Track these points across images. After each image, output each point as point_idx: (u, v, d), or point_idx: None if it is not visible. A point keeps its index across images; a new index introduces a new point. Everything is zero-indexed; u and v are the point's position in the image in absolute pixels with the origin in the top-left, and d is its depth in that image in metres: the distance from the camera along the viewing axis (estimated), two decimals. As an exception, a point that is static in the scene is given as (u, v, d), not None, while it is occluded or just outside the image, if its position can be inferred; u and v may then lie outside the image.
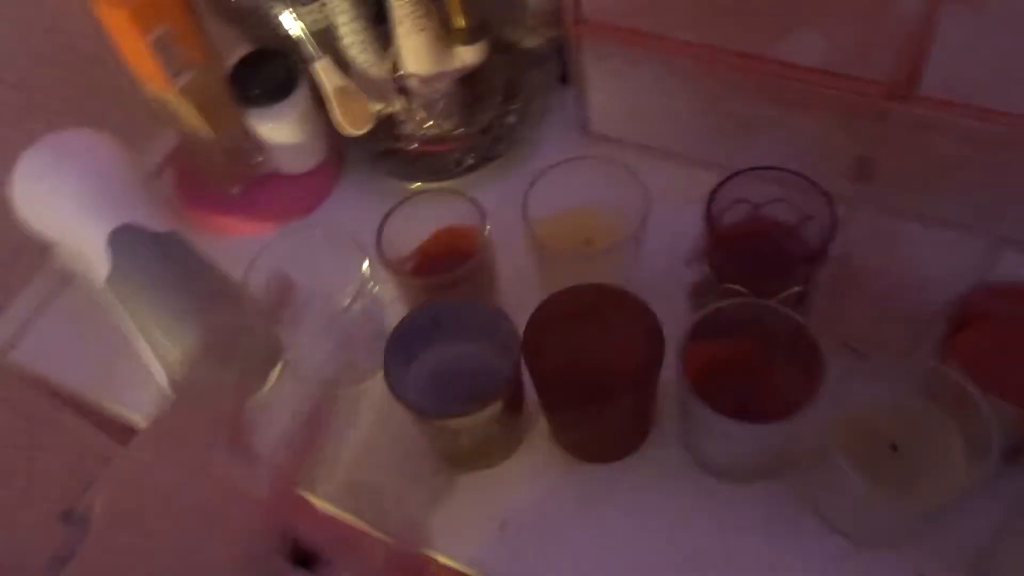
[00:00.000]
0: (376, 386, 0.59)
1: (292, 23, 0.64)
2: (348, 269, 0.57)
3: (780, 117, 0.60)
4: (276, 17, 0.65)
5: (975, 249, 0.49)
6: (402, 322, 0.52)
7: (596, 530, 0.53)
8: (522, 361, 0.50)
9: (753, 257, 0.55)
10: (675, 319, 0.50)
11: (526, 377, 0.52)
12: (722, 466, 0.53)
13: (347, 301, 0.55)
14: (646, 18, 0.59)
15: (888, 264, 0.55)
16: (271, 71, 0.66)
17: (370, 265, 0.57)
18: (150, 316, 0.55)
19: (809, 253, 0.53)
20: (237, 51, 0.69)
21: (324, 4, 0.64)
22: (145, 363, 0.60)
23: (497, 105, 0.70)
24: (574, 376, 0.53)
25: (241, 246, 0.58)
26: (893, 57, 0.52)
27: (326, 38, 0.68)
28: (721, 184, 0.53)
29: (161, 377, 0.60)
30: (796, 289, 0.52)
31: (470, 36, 0.64)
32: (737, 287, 0.52)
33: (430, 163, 0.70)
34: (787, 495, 0.52)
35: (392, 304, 0.59)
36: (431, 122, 0.67)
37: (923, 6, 0.48)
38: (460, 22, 0.63)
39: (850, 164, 0.60)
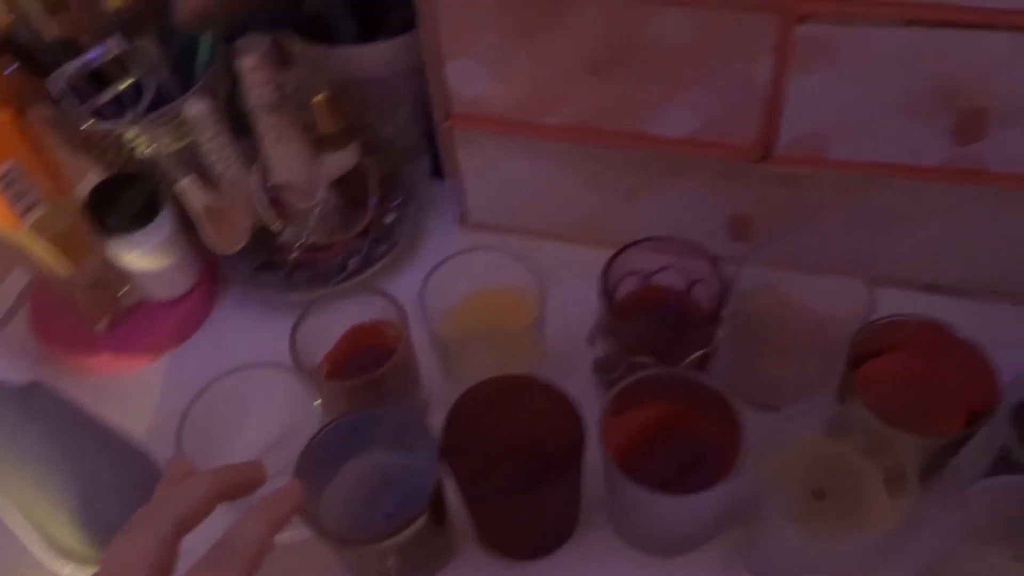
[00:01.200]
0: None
1: (149, 146, 0.61)
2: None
3: (657, 187, 0.62)
4: (131, 141, 0.63)
5: (857, 291, 0.52)
6: (309, 445, 0.48)
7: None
8: (442, 465, 0.47)
9: (652, 326, 0.56)
10: (587, 398, 0.49)
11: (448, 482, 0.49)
12: (655, 541, 0.52)
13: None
14: (515, 107, 0.60)
15: (781, 315, 0.57)
16: (130, 197, 0.62)
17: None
18: (21, 482, 0.49)
19: (703, 315, 0.54)
20: (92, 179, 0.65)
21: (182, 123, 0.62)
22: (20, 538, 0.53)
23: (375, 206, 0.69)
24: (498, 472, 0.51)
25: (117, 385, 0.54)
26: (752, 122, 0.55)
27: (188, 156, 0.65)
28: (613, 259, 0.54)
29: (44, 551, 0.53)
30: (699, 352, 0.53)
31: (339, 141, 0.63)
32: (642, 359, 0.52)
33: (312, 272, 0.67)
34: (724, 560, 0.52)
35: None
36: (308, 230, 0.65)
37: (772, 74, 0.51)
38: (327, 128, 0.62)
39: (728, 224, 0.62)
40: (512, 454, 0.52)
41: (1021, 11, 0.45)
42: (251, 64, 0.56)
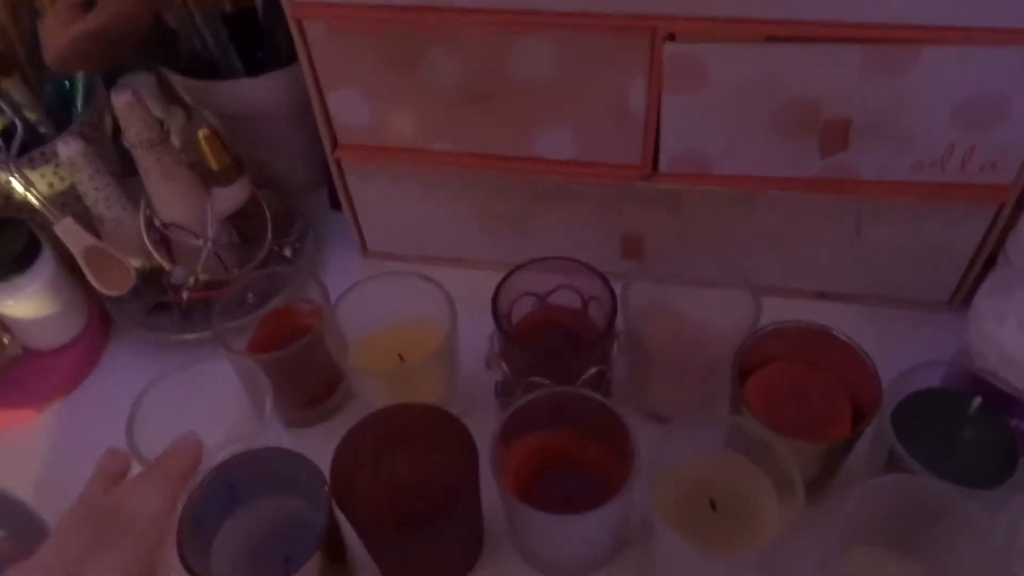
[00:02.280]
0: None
1: (23, 189, 0.59)
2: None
3: (548, 210, 0.62)
4: (4, 184, 0.60)
5: (743, 302, 0.53)
6: (192, 497, 0.46)
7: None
8: (334, 505, 0.46)
9: (546, 347, 0.56)
10: (491, 424, 0.48)
11: (344, 521, 0.48)
12: (560, 563, 0.52)
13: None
14: (400, 136, 0.60)
15: (672, 330, 0.58)
16: (6, 242, 0.59)
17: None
18: None
19: (597, 334, 0.54)
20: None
21: (58, 165, 0.60)
22: None
23: (272, 240, 0.68)
24: (392, 506, 0.50)
25: (2, 442, 0.51)
26: (632, 142, 0.56)
27: (69, 198, 0.63)
28: (502, 283, 0.54)
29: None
30: (593, 370, 0.53)
31: (226, 177, 0.62)
32: (538, 379, 0.52)
33: (209, 311, 0.65)
34: (630, 576, 0.52)
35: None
36: (200, 268, 0.64)
37: (645, 95, 0.52)
38: (213, 164, 0.61)
39: (620, 243, 0.63)
40: (406, 488, 0.51)
41: (871, 25, 0.47)
42: (124, 102, 0.55)
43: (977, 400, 0.47)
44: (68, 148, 0.57)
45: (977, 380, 0.48)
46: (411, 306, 0.57)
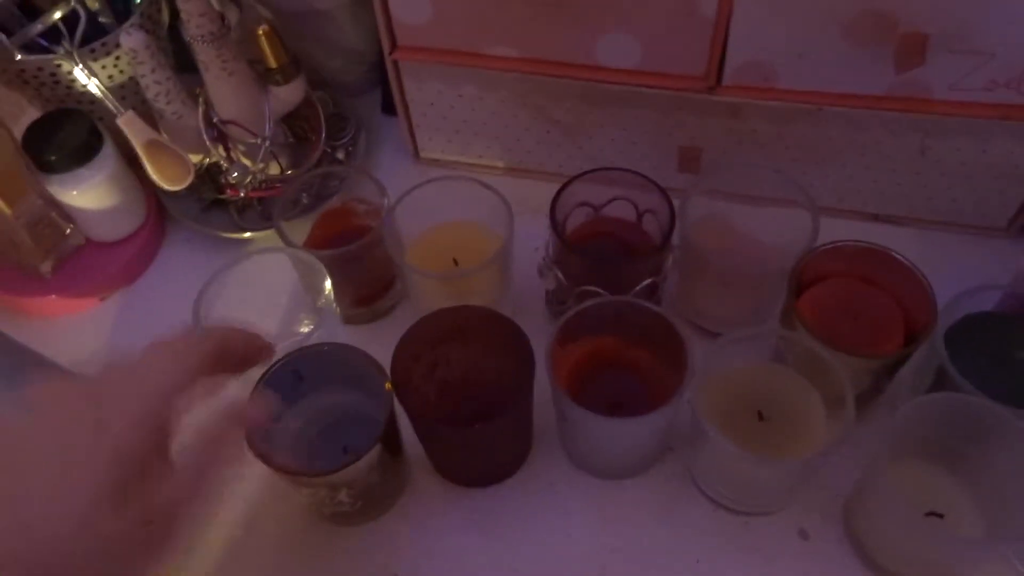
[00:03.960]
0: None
1: (86, 79, 0.59)
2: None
3: (605, 119, 0.61)
4: (68, 75, 0.61)
5: (799, 220, 0.53)
6: (261, 379, 0.48)
7: (498, 553, 0.52)
8: (394, 398, 0.48)
9: (601, 257, 0.56)
10: (543, 330, 0.49)
11: (402, 414, 0.50)
12: (606, 465, 0.53)
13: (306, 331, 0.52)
14: (460, 38, 0.59)
15: (727, 244, 0.58)
16: (69, 133, 0.60)
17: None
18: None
19: (652, 246, 0.54)
20: (29, 115, 0.63)
21: (119, 57, 0.60)
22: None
23: (324, 141, 0.68)
24: (448, 402, 0.51)
25: (65, 327, 0.53)
26: (698, 51, 0.54)
27: (128, 91, 0.64)
28: (560, 191, 0.54)
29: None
30: (647, 281, 0.53)
31: (283, 75, 0.62)
32: (592, 288, 0.53)
33: (263, 209, 0.66)
34: (672, 480, 0.53)
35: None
36: (256, 167, 0.64)
37: (716, 4, 0.51)
38: (271, 62, 0.61)
39: (677, 156, 0.63)
40: (463, 386, 0.52)
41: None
42: (187, -7, 0.55)
43: (1033, 324, 0.47)
44: (131, 39, 0.56)
45: (1032, 305, 0.49)
46: (466, 211, 0.57)
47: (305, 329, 0.56)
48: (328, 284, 0.53)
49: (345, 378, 0.51)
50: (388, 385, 0.47)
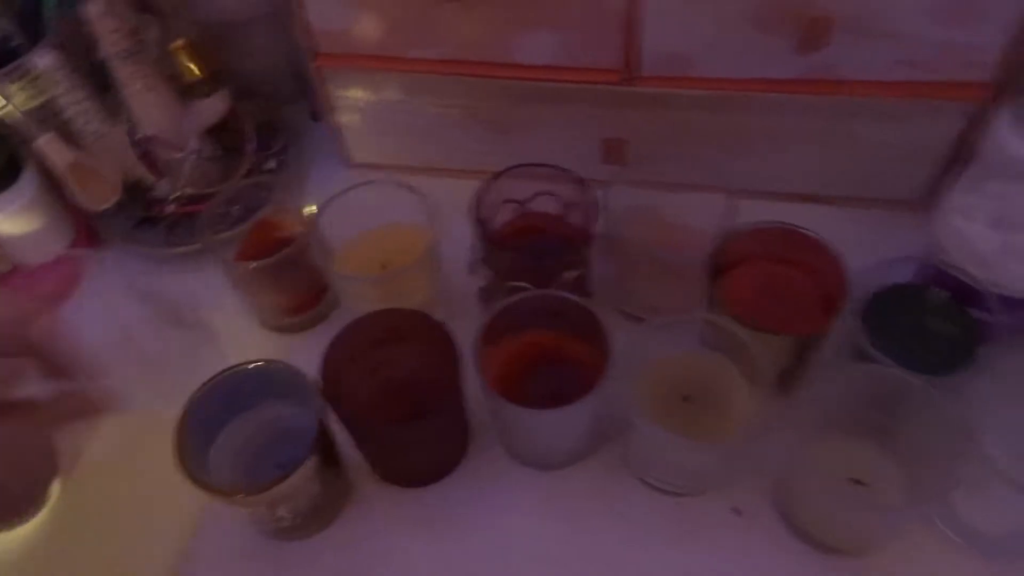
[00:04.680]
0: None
1: (1, 104, 0.59)
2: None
3: (529, 115, 0.62)
4: (-18, 99, 0.60)
5: (717, 204, 0.54)
6: (191, 403, 0.48)
7: (446, 551, 0.52)
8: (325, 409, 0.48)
9: (526, 251, 0.57)
10: (473, 327, 0.50)
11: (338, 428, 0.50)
12: (542, 456, 0.54)
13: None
14: (380, 43, 0.59)
15: (653, 232, 0.59)
16: (-13, 159, 0.60)
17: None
18: None
19: (575, 237, 0.55)
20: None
21: (36, 78, 0.60)
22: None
23: (253, 153, 0.68)
24: (383, 405, 0.52)
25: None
26: (613, 44, 0.56)
27: (47, 113, 0.63)
28: (481, 189, 0.55)
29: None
30: (573, 273, 0.54)
31: (205, 88, 0.62)
32: (520, 283, 0.54)
33: (193, 224, 0.66)
34: (608, 467, 0.54)
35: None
36: (183, 182, 0.64)
37: (625, -4, 0.52)
38: (191, 76, 0.61)
39: (601, 148, 0.64)
40: (393, 388, 0.53)
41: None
42: (97, 11, 0.54)
43: (942, 293, 0.49)
44: (44, 60, 0.56)
45: (944, 275, 0.50)
46: (394, 214, 0.58)
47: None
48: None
49: (278, 393, 0.51)
50: (317, 393, 0.47)
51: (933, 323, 0.49)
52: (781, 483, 0.51)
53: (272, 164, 0.69)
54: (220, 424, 0.51)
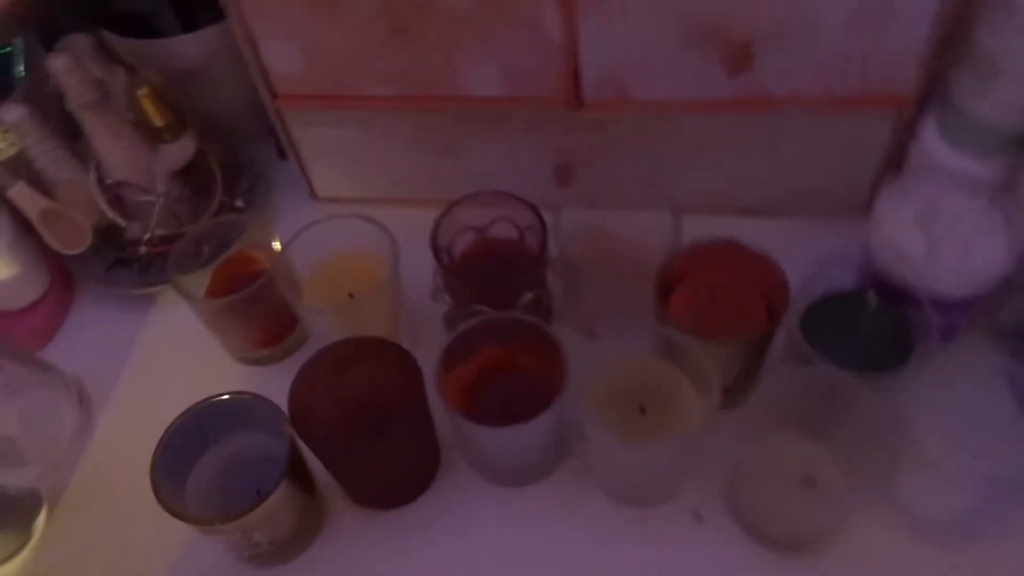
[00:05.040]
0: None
1: (-29, 157, 0.61)
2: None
3: (481, 142, 0.65)
4: (-47, 154, 0.62)
5: (663, 222, 0.56)
6: (167, 434, 0.50)
7: (418, 571, 0.54)
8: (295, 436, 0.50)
9: (484, 276, 0.59)
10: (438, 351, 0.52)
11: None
12: (507, 472, 0.56)
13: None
14: (334, 82, 0.62)
15: (603, 252, 0.61)
16: (-39, 210, 0.62)
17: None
18: None
19: (530, 260, 0.58)
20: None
21: (5, 131, 0.62)
22: None
23: (222, 192, 0.70)
24: (346, 425, 0.54)
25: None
26: (554, 71, 0.58)
27: (18, 163, 0.65)
28: (440, 217, 0.57)
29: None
30: (530, 295, 0.57)
31: (170, 133, 0.64)
32: (479, 307, 0.56)
33: (165, 263, 0.68)
34: (573, 481, 0.56)
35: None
36: (154, 223, 0.66)
37: (560, 21, 0.55)
38: (156, 121, 0.63)
39: (552, 171, 0.66)
40: (359, 411, 0.55)
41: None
42: (62, 66, 0.57)
43: (873, 296, 0.51)
44: (13, 113, 0.58)
45: (878, 278, 0.53)
46: (358, 246, 0.60)
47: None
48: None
49: (251, 423, 0.52)
50: (288, 427, 0.49)
51: (869, 325, 0.52)
52: (734, 485, 0.53)
53: (240, 202, 0.72)
54: (196, 455, 0.53)
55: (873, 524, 0.52)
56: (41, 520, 0.57)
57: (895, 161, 0.60)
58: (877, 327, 0.52)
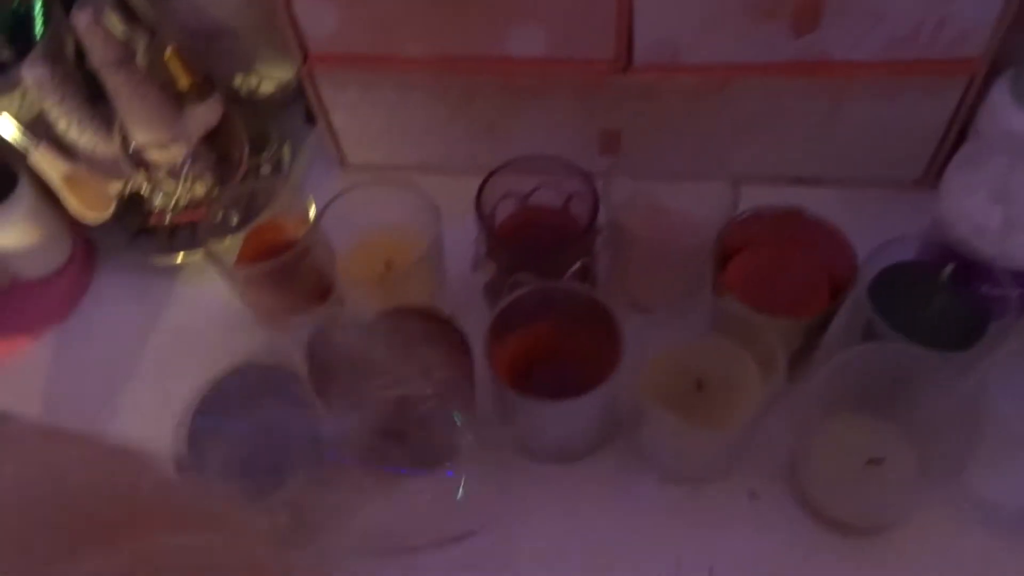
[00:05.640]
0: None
1: (-7, 117, 0.58)
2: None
3: (523, 109, 0.62)
4: (-28, 115, 0.59)
5: (721, 191, 0.54)
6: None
7: (459, 548, 0.52)
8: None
9: (530, 245, 0.57)
10: (482, 323, 0.50)
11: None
12: (554, 449, 0.54)
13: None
14: (370, 42, 0.59)
15: (654, 222, 0.58)
16: (-20, 173, 0.59)
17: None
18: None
19: (579, 229, 0.55)
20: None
21: (25, 92, 0.59)
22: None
23: (248, 158, 0.67)
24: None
25: (3, 370, 0.52)
26: (605, 34, 0.55)
27: (41, 125, 0.62)
28: (483, 185, 0.54)
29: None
30: (578, 264, 0.54)
31: (197, 95, 0.61)
32: (524, 276, 0.53)
33: (192, 231, 0.66)
34: (621, 459, 0.54)
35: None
36: (179, 191, 0.64)
37: (617, -18, 0.52)
38: (184, 82, 0.60)
39: (598, 139, 0.63)
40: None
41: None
42: (85, 22, 0.54)
43: (948, 269, 0.49)
44: (33, 72, 0.56)
45: (949, 251, 0.50)
46: (395, 214, 0.57)
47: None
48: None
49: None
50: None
51: (943, 300, 0.49)
52: (796, 465, 0.51)
53: (267, 169, 0.69)
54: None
55: (940, 508, 0.50)
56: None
57: (962, 130, 0.58)
58: (949, 302, 0.49)
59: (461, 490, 0.50)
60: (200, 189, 0.65)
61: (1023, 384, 0.45)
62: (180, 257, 0.65)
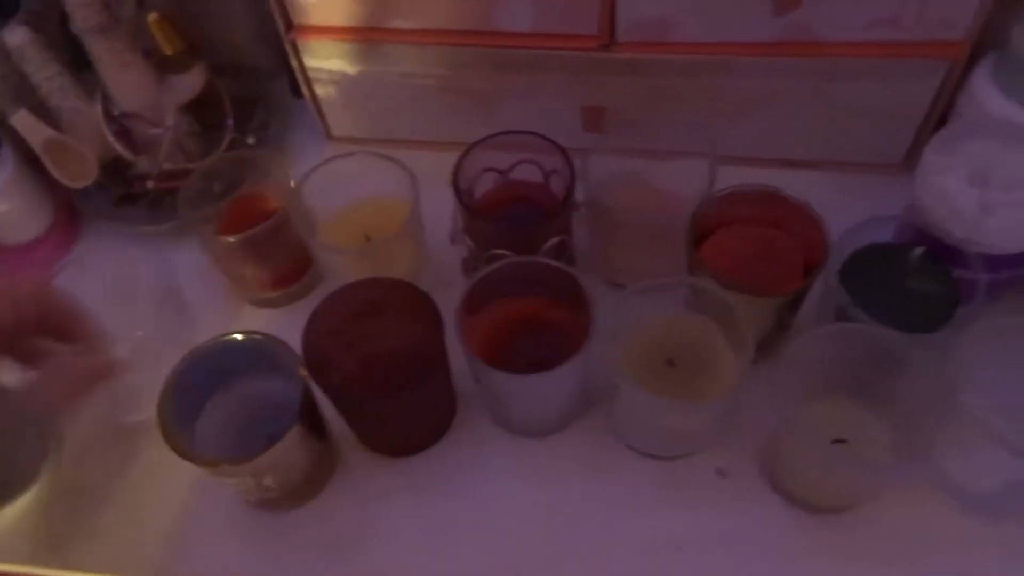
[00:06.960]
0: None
1: (-27, 81, 0.58)
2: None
3: (508, 83, 0.62)
4: (-46, 78, 0.59)
5: (697, 170, 0.54)
6: (175, 373, 0.48)
7: (432, 519, 0.53)
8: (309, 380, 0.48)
9: (507, 220, 0.57)
10: (457, 296, 0.50)
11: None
12: (527, 423, 0.54)
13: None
14: (357, 14, 0.59)
15: (634, 199, 0.59)
16: (-38, 137, 0.59)
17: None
18: None
19: (556, 205, 0.55)
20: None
21: (7, 56, 0.59)
22: None
23: (232, 128, 0.67)
24: (368, 375, 0.52)
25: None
26: (591, 10, 0.55)
27: (22, 91, 0.62)
28: (461, 159, 0.54)
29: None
30: (555, 240, 0.54)
31: (181, 63, 0.61)
32: (500, 251, 0.54)
33: (174, 200, 0.66)
34: (593, 433, 0.55)
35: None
36: (162, 158, 0.64)
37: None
38: (167, 50, 0.60)
39: (581, 116, 0.63)
40: (377, 358, 0.53)
41: None
42: (68, -16, 0.54)
43: (920, 251, 0.49)
44: (15, 36, 0.56)
45: (923, 234, 0.50)
46: (376, 186, 0.58)
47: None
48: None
49: (263, 366, 0.51)
50: (302, 370, 0.47)
51: (913, 282, 0.49)
52: (766, 444, 0.51)
53: (252, 139, 0.69)
54: (205, 396, 0.51)
55: (909, 489, 0.50)
56: (47, 462, 0.56)
57: (942, 113, 0.57)
58: (921, 284, 0.49)
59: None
60: (183, 157, 0.65)
61: (988, 369, 0.45)
62: (163, 226, 0.65)
